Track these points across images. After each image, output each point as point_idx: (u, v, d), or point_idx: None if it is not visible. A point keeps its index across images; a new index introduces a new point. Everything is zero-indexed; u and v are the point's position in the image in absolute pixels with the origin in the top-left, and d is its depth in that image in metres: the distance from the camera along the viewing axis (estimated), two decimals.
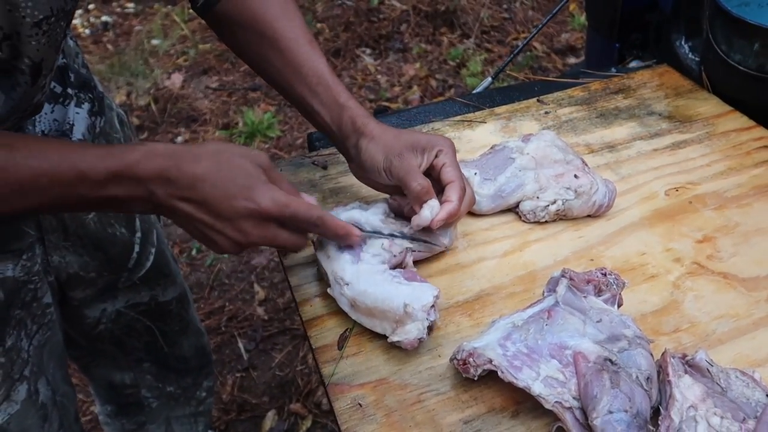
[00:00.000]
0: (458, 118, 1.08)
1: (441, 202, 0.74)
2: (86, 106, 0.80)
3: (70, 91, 0.77)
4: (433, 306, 0.69)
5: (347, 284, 0.72)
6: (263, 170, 0.65)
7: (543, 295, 0.72)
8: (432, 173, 0.76)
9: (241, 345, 1.82)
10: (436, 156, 0.75)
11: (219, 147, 0.64)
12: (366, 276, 0.72)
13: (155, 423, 1.17)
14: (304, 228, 0.68)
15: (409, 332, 0.68)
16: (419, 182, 0.73)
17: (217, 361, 1.78)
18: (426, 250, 0.80)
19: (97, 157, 0.60)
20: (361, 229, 0.74)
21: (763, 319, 0.74)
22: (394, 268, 0.75)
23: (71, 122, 0.78)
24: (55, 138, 0.74)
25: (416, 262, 0.80)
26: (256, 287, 1.99)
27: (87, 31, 3.26)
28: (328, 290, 0.75)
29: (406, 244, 0.77)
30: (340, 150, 0.81)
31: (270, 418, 1.64)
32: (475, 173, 0.88)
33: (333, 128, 0.78)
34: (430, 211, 0.74)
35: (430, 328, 0.69)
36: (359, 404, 0.67)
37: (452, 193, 0.74)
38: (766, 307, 0.75)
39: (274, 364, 1.77)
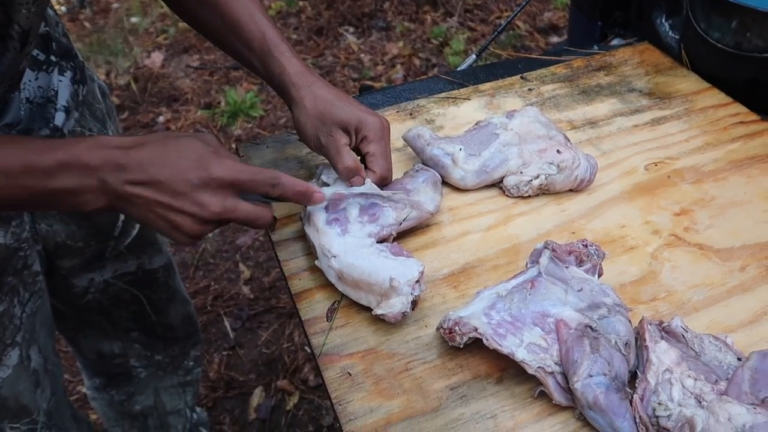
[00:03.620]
0: (443, 95, 1.09)
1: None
2: (68, 74, 0.81)
3: (53, 58, 0.78)
4: (418, 281, 0.70)
5: (334, 257, 0.73)
6: (212, 147, 0.65)
7: (526, 266, 0.74)
8: (359, 150, 0.79)
9: (227, 324, 1.83)
10: (362, 140, 0.78)
11: (164, 133, 0.68)
12: (353, 249, 0.73)
13: (144, 394, 1.18)
14: (263, 191, 0.67)
15: (394, 306, 0.70)
16: (345, 165, 0.76)
17: (203, 340, 1.79)
18: (413, 218, 0.81)
19: (45, 148, 0.59)
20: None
21: (736, 288, 0.77)
22: (380, 242, 0.77)
23: (55, 89, 0.78)
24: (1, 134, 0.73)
25: (403, 235, 0.82)
26: (242, 266, 1.99)
27: (63, 8, 3.19)
28: (316, 262, 0.76)
29: (380, 201, 0.79)
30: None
31: (257, 395, 1.66)
32: (460, 149, 0.89)
33: (268, 78, 0.80)
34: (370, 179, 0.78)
35: (415, 303, 0.71)
36: (348, 373, 0.69)
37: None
38: (740, 276, 0.78)
39: (260, 342, 1.79)
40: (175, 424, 1.26)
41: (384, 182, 0.80)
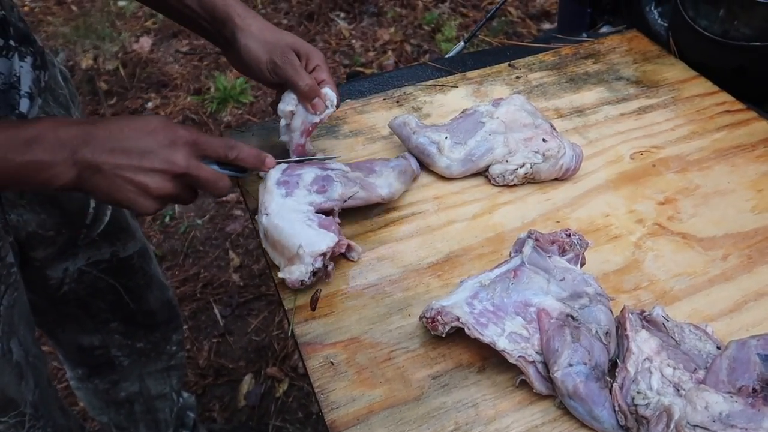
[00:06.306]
0: (430, 82, 1.08)
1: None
2: (29, 59, 0.80)
3: (12, 43, 0.77)
4: (323, 254, 0.72)
5: (267, 214, 0.76)
6: (170, 121, 0.71)
7: (510, 255, 0.74)
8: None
9: (216, 311, 1.83)
10: (315, 68, 0.82)
11: (127, 115, 0.69)
12: (286, 211, 0.76)
13: (128, 380, 1.18)
14: (222, 153, 0.72)
15: (293, 272, 0.72)
16: (306, 82, 0.80)
17: (193, 327, 1.79)
18: (359, 198, 0.81)
19: (18, 125, 0.65)
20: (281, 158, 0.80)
21: (718, 277, 0.77)
22: (324, 213, 0.77)
23: (17, 74, 0.78)
24: None
25: (388, 223, 0.82)
26: (231, 254, 1.99)
27: None
28: (255, 217, 0.79)
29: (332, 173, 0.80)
30: (212, 40, 0.85)
31: (247, 382, 1.67)
32: (446, 137, 0.88)
33: (204, 16, 0.82)
34: (330, 91, 0.82)
35: (316, 274, 0.73)
36: (331, 362, 0.69)
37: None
38: (721, 265, 0.78)
39: (250, 329, 1.79)
40: (161, 407, 1.26)
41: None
